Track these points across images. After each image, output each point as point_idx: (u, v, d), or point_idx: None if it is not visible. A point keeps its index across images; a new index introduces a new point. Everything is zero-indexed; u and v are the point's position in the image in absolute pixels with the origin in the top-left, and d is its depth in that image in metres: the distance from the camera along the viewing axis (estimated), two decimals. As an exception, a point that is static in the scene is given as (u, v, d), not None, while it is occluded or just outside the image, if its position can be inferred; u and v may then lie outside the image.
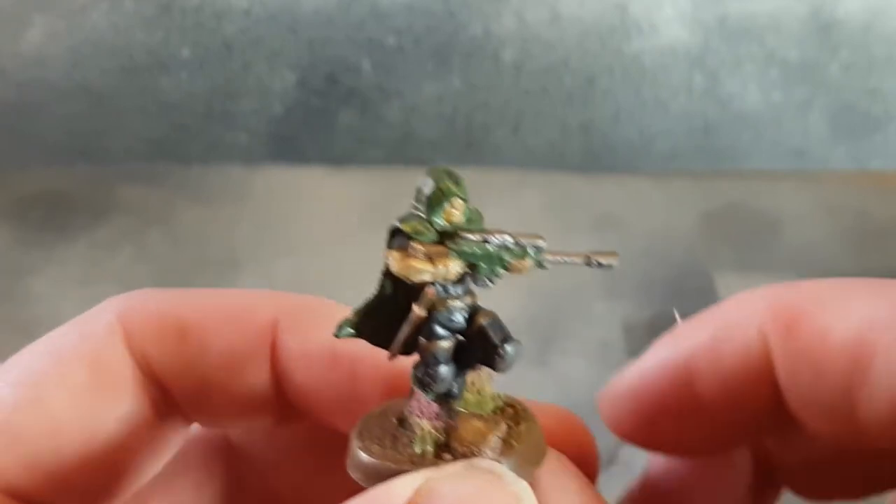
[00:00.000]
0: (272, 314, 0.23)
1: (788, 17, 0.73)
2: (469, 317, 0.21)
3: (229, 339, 0.23)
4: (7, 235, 0.66)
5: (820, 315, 0.19)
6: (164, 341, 0.23)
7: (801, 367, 0.19)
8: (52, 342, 0.23)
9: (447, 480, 0.18)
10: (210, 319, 0.23)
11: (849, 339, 0.18)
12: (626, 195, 0.72)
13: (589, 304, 0.60)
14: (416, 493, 0.17)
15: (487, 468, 0.18)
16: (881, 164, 0.77)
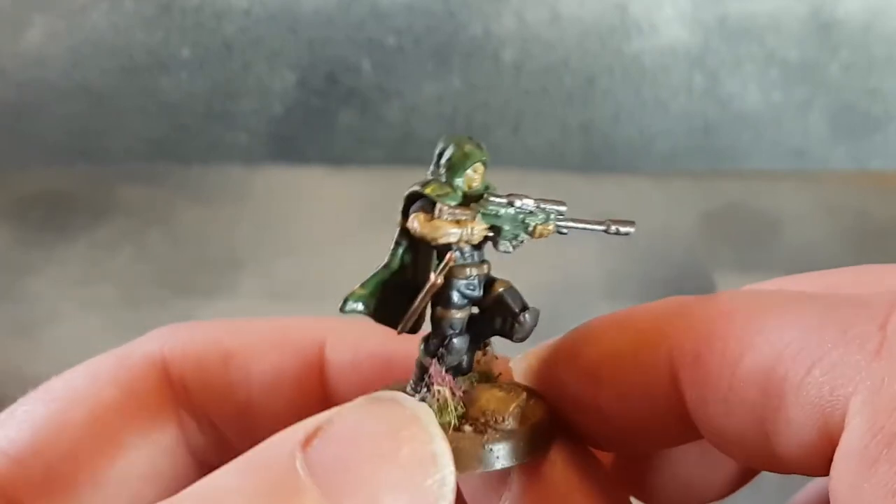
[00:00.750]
0: (319, 336, 0.24)
1: (788, 18, 0.73)
2: (485, 286, 0.21)
3: (274, 362, 0.23)
4: (7, 235, 0.66)
5: (728, 343, 0.18)
6: (207, 366, 0.23)
7: (710, 398, 0.18)
8: (93, 365, 0.23)
9: (349, 409, 0.17)
10: (254, 345, 0.23)
11: (758, 372, 0.17)
12: (626, 195, 0.72)
13: (589, 303, 0.60)
14: (315, 429, 0.17)
15: (389, 397, 0.18)
16: (881, 163, 0.77)
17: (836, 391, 0.16)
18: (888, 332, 0.16)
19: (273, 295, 0.61)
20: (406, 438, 0.17)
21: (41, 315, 0.58)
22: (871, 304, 0.17)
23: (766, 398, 0.17)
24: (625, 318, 0.20)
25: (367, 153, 0.76)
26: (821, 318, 0.17)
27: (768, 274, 0.70)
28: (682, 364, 0.19)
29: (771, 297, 0.19)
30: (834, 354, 0.16)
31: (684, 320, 0.19)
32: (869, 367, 0.16)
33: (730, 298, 0.19)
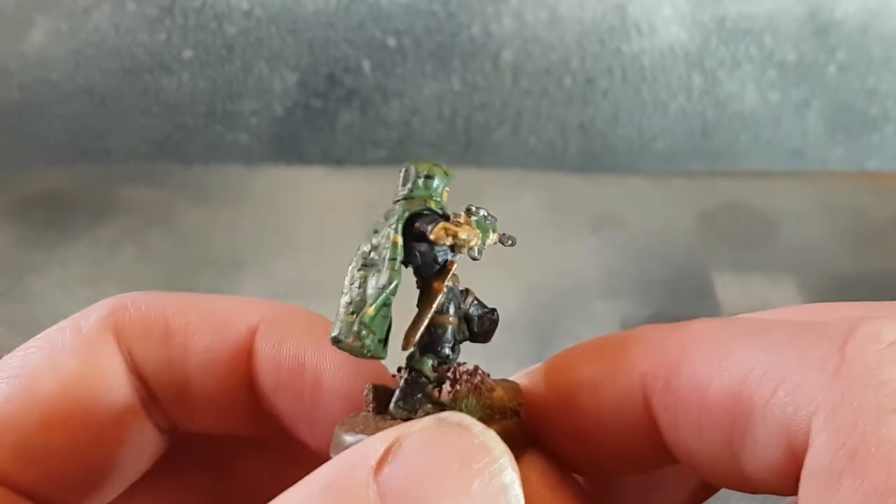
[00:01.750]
0: (254, 320, 0.24)
1: (786, 18, 0.73)
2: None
3: (211, 342, 0.24)
4: (9, 235, 0.66)
5: (696, 369, 0.18)
6: (151, 341, 0.23)
7: (681, 422, 0.19)
8: (47, 337, 0.24)
9: (418, 434, 0.18)
10: (194, 322, 0.24)
11: (725, 396, 0.18)
12: (625, 195, 0.72)
13: (588, 303, 0.61)
14: (387, 452, 0.17)
15: (457, 421, 0.18)
16: (879, 164, 0.77)
17: (799, 411, 0.16)
18: (846, 354, 0.16)
19: (273, 294, 0.61)
20: (478, 471, 0.17)
21: (43, 314, 0.58)
22: (830, 329, 0.17)
23: (734, 420, 0.18)
24: (600, 346, 0.21)
25: (368, 153, 0.76)
26: (784, 343, 0.17)
27: (766, 273, 0.70)
28: (653, 390, 0.19)
29: (737, 324, 0.19)
30: (796, 376, 0.17)
31: (655, 348, 0.20)
32: (830, 387, 0.16)
33: (698, 326, 0.20)
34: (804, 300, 0.61)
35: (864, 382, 0.16)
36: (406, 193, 0.21)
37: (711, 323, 0.20)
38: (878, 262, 0.66)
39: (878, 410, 0.15)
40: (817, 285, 0.63)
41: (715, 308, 0.60)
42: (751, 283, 0.63)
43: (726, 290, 0.62)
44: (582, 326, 0.58)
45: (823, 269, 0.65)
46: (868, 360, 0.16)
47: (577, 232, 0.68)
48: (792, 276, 0.64)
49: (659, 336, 0.20)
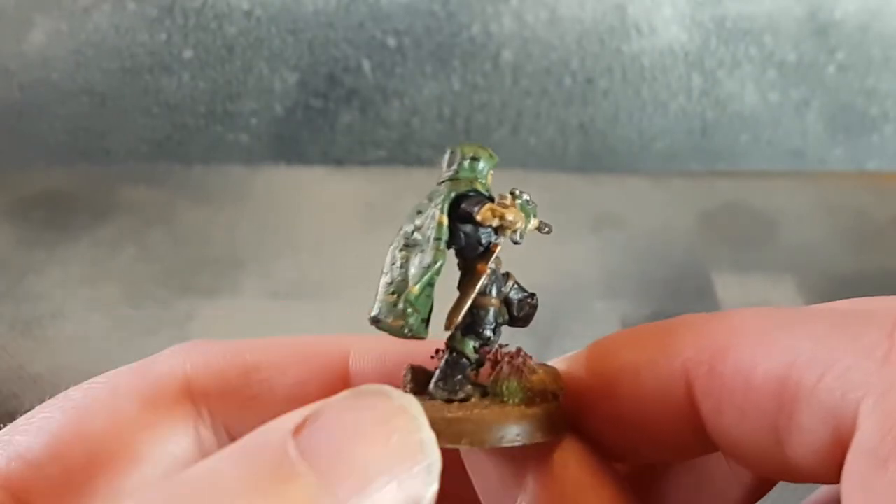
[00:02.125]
0: (343, 349, 0.24)
1: (786, 19, 0.73)
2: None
3: (298, 375, 0.24)
4: (10, 235, 0.66)
5: (742, 354, 0.19)
6: (230, 383, 0.23)
7: (725, 408, 0.19)
8: (113, 377, 0.24)
9: (337, 401, 0.18)
10: (278, 360, 0.24)
11: (771, 380, 0.18)
12: (625, 195, 0.72)
13: (588, 303, 0.61)
14: (306, 419, 0.18)
15: (376, 389, 0.18)
16: (878, 164, 0.78)
17: (847, 396, 0.17)
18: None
19: (274, 294, 0.61)
20: (395, 427, 0.17)
21: (43, 314, 0.58)
22: (879, 317, 0.17)
23: (779, 405, 0.18)
24: (642, 332, 0.21)
25: (368, 153, 0.76)
26: (831, 329, 0.18)
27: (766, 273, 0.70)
28: (696, 376, 0.19)
29: (780, 312, 0.19)
30: (845, 361, 0.17)
31: (698, 334, 0.20)
32: (879, 373, 0.16)
33: (741, 314, 0.20)
34: (804, 300, 0.61)
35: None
36: (451, 175, 0.21)
37: (755, 311, 0.20)
38: (878, 262, 0.66)
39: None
40: (817, 285, 0.63)
41: (715, 308, 0.60)
42: (751, 283, 0.63)
43: (726, 290, 0.62)
44: (582, 326, 0.58)
45: (823, 269, 0.65)
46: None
47: (577, 232, 0.68)
48: (792, 276, 0.64)
49: (702, 323, 0.20)
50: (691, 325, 0.20)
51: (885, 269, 0.65)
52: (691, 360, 0.19)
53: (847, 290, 0.63)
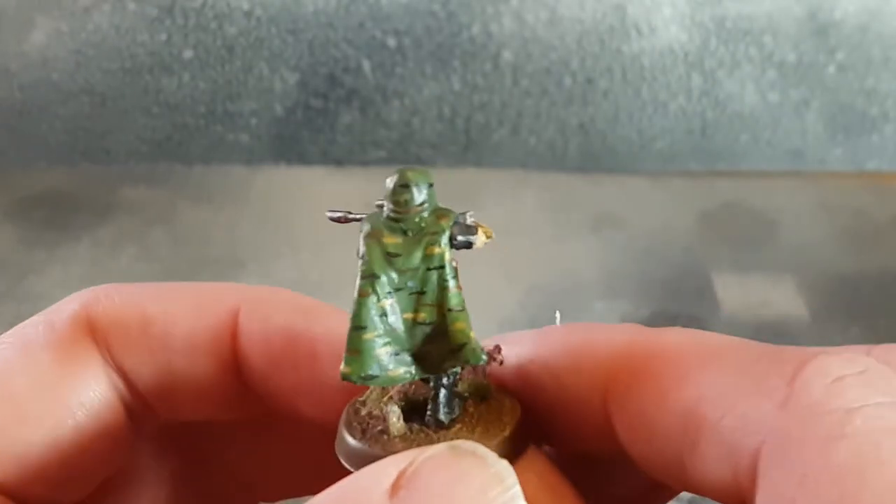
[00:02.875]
0: (234, 302, 0.24)
1: (786, 19, 0.73)
2: None
3: (191, 328, 0.23)
4: (10, 235, 0.66)
5: (658, 380, 0.19)
6: (127, 332, 0.23)
7: (636, 425, 0.20)
8: (19, 333, 0.23)
9: (430, 461, 0.18)
10: (172, 310, 0.24)
11: (680, 410, 0.19)
12: (624, 195, 0.72)
13: (588, 303, 0.61)
14: (401, 475, 0.18)
15: (470, 450, 0.18)
16: (878, 164, 0.78)
17: (746, 438, 0.17)
18: (795, 387, 0.17)
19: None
20: (493, 499, 0.18)
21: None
22: (783, 362, 0.18)
23: (685, 434, 0.18)
24: (577, 334, 0.22)
25: (368, 153, 0.76)
26: (742, 369, 0.18)
27: (765, 273, 0.70)
28: (614, 391, 0.20)
29: (705, 341, 0.20)
30: (746, 403, 0.18)
31: (623, 349, 0.20)
32: (777, 417, 0.17)
33: (668, 339, 0.20)
34: (804, 300, 0.61)
35: (811, 413, 0.16)
36: (431, 208, 0.21)
37: (681, 335, 0.20)
38: (878, 262, 0.66)
39: (824, 438, 0.16)
40: (817, 285, 0.63)
41: (715, 308, 0.60)
42: (751, 283, 0.63)
43: (726, 290, 0.62)
44: (582, 326, 0.58)
45: (823, 269, 0.65)
46: (814, 393, 0.17)
47: (577, 232, 0.68)
48: (792, 276, 0.64)
49: (630, 338, 0.21)
50: (619, 338, 0.21)
51: (885, 269, 0.65)
52: (612, 373, 0.20)
53: (847, 289, 0.63)
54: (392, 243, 0.20)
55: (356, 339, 0.20)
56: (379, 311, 0.20)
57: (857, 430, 0.16)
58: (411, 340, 0.21)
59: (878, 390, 0.17)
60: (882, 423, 0.16)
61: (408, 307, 0.20)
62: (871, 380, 0.17)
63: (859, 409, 0.16)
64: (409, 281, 0.20)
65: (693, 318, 0.60)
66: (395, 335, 0.20)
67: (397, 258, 0.20)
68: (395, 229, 0.20)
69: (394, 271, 0.20)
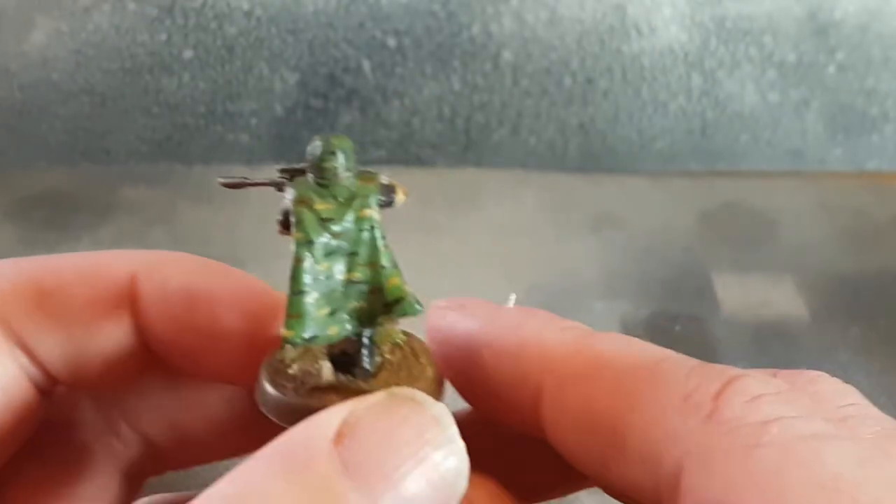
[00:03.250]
0: (130, 267, 0.24)
1: (786, 19, 0.73)
2: None
3: (88, 295, 0.24)
4: (10, 234, 0.66)
5: (589, 383, 0.20)
6: (25, 307, 0.23)
7: (564, 424, 0.21)
8: None
9: (371, 409, 0.19)
10: (67, 279, 0.24)
11: (608, 416, 0.20)
12: (624, 195, 0.72)
13: (588, 303, 0.61)
14: (343, 425, 0.18)
15: (409, 395, 0.19)
16: (878, 164, 0.78)
17: (670, 449, 0.18)
18: (719, 403, 0.18)
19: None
20: (431, 440, 0.19)
21: None
22: (712, 378, 0.19)
23: (611, 438, 0.20)
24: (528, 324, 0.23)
25: (368, 153, 0.76)
26: (673, 383, 0.19)
27: (765, 273, 0.70)
28: (547, 387, 0.21)
29: (643, 353, 0.21)
30: (674, 416, 0.19)
31: (566, 350, 0.21)
32: (701, 430, 0.18)
33: (605, 344, 0.21)
34: (804, 300, 0.61)
35: (732, 426, 0.18)
36: (355, 172, 0.22)
37: (619, 341, 0.21)
38: (878, 262, 0.66)
39: (744, 447, 0.17)
40: (816, 285, 0.63)
41: (715, 308, 0.60)
42: (751, 283, 0.63)
43: (726, 290, 0.62)
44: (582, 326, 0.58)
45: (823, 269, 0.65)
46: (735, 409, 0.18)
47: (577, 232, 0.68)
48: (792, 276, 0.64)
49: (574, 338, 0.22)
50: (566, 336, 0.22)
51: (885, 269, 0.65)
52: (551, 368, 0.21)
53: (847, 290, 0.63)
54: (324, 209, 0.21)
55: (297, 303, 0.21)
56: (315, 275, 0.21)
57: (773, 438, 0.17)
58: (347, 299, 0.21)
59: (791, 406, 0.18)
60: (795, 432, 0.17)
61: (343, 268, 0.21)
62: (785, 398, 0.19)
63: (775, 421, 0.18)
64: (343, 243, 0.21)
65: (693, 318, 0.60)
66: (331, 296, 0.21)
67: (330, 222, 0.21)
68: (325, 195, 0.21)
69: (328, 235, 0.21)
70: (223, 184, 0.23)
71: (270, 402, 0.21)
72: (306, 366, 0.22)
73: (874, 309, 0.61)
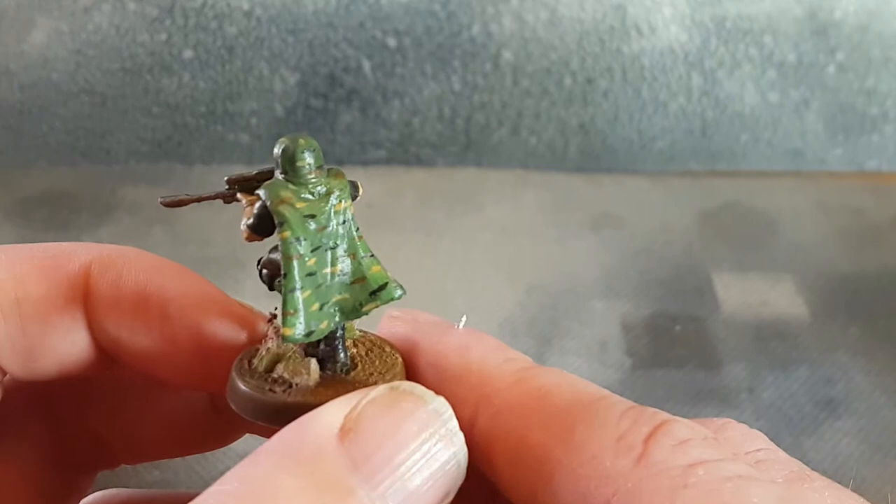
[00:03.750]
0: (85, 261, 0.24)
1: (786, 19, 0.73)
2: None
3: (42, 288, 0.24)
4: (11, 234, 0.67)
5: (524, 415, 0.21)
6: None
7: (497, 449, 0.21)
8: None
9: (373, 403, 0.19)
10: (23, 272, 0.24)
11: (539, 449, 0.20)
12: (624, 195, 0.72)
13: (588, 303, 0.61)
14: (347, 420, 0.19)
15: (409, 389, 0.20)
16: (878, 164, 0.78)
17: (600, 488, 0.19)
18: (649, 446, 0.19)
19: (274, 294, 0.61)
20: (433, 433, 0.19)
21: None
22: (644, 420, 0.20)
23: (540, 472, 0.20)
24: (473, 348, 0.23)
25: (368, 153, 0.76)
26: (606, 422, 0.20)
27: (765, 273, 0.70)
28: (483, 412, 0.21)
29: (580, 391, 0.21)
30: (605, 457, 0.19)
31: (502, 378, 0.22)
32: (630, 472, 0.19)
33: (549, 380, 0.21)
34: (804, 299, 0.62)
35: (660, 468, 0.18)
36: (325, 171, 0.22)
37: (559, 378, 0.22)
38: (878, 262, 0.66)
39: (670, 488, 0.18)
40: (816, 285, 0.63)
41: (715, 308, 0.60)
42: (751, 283, 0.63)
43: (726, 290, 0.62)
44: (582, 326, 0.58)
45: (822, 269, 0.65)
46: (663, 452, 0.19)
47: (577, 232, 0.68)
48: (791, 276, 0.64)
49: (511, 370, 0.22)
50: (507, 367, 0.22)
51: (885, 269, 0.65)
52: (483, 400, 0.21)
53: (846, 290, 0.63)
54: (305, 206, 0.22)
55: (293, 300, 0.21)
56: (305, 271, 0.22)
57: (699, 479, 0.18)
58: (331, 292, 0.22)
59: (716, 450, 0.19)
60: (720, 473, 0.18)
61: (327, 262, 0.22)
62: (709, 443, 0.19)
63: (701, 464, 0.18)
64: (324, 238, 0.22)
65: (693, 317, 0.60)
66: (320, 291, 0.22)
67: (312, 219, 0.22)
68: (302, 193, 0.22)
69: (311, 232, 0.22)
70: (163, 203, 0.24)
71: (258, 405, 0.22)
72: (292, 366, 0.22)
73: (874, 309, 0.61)
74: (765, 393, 0.54)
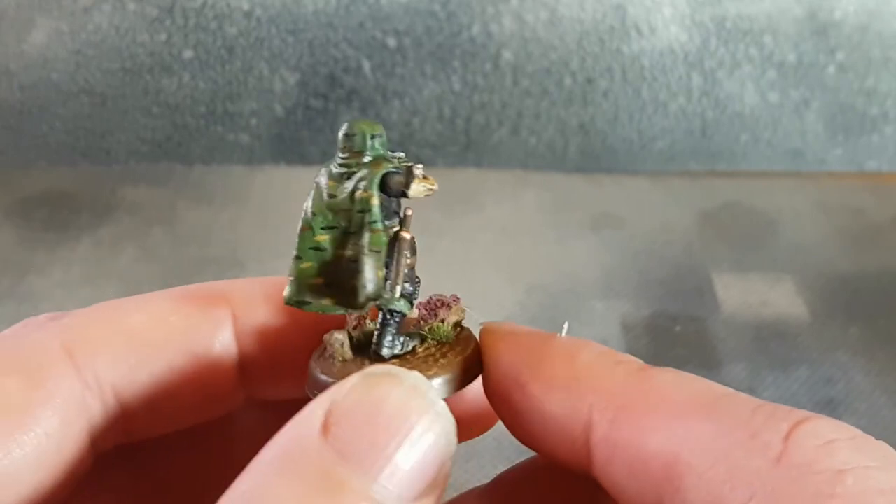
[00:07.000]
0: (224, 303, 0.25)
1: (786, 19, 0.73)
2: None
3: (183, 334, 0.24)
4: (11, 234, 0.66)
5: (647, 418, 0.20)
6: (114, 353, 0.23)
7: (616, 460, 0.20)
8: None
9: (350, 394, 0.19)
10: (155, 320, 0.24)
11: (665, 452, 0.19)
12: (624, 195, 0.72)
13: (588, 303, 0.61)
14: (327, 415, 0.19)
15: (383, 371, 0.20)
16: (878, 164, 0.78)
17: (735, 490, 0.18)
18: (788, 445, 0.18)
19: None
20: (416, 408, 0.19)
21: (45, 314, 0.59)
22: (780, 418, 0.18)
23: (668, 478, 0.19)
24: (578, 357, 0.22)
25: (368, 153, 0.76)
26: (735, 420, 0.19)
27: (765, 273, 0.70)
28: (599, 423, 0.20)
29: (700, 389, 0.20)
30: (739, 455, 0.18)
31: (616, 383, 0.21)
32: (770, 473, 0.17)
33: (662, 378, 0.20)
34: (803, 300, 0.62)
35: (804, 471, 0.17)
36: (370, 157, 0.22)
37: (676, 377, 0.21)
38: (878, 262, 0.66)
39: (815, 495, 0.17)
40: (816, 285, 0.63)
41: (715, 308, 0.60)
42: (751, 283, 0.63)
43: (726, 290, 0.62)
44: (581, 326, 0.58)
45: (823, 269, 0.65)
46: (807, 453, 0.17)
47: (577, 232, 0.68)
48: (791, 276, 0.64)
49: (623, 373, 0.21)
50: (613, 371, 0.21)
51: (885, 269, 0.65)
52: (597, 406, 0.20)
53: (846, 290, 0.63)
54: (331, 185, 0.22)
55: (294, 267, 0.23)
56: (313, 245, 0.22)
57: (847, 489, 0.16)
58: (339, 274, 0.22)
59: (867, 455, 0.17)
60: (872, 484, 0.16)
61: (339, 244, 0.22)
62: (860, 444, 0.18)
63: (850, 471, 0.17)
64: (342, 220, 0.22)
65: (693, 318, 0.60)
66: (327, 269, 0.22)
67: (333, 199, 0.22)
68: (335, 174, 0.22)
69: (329, 211, 0.22)
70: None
71: (308, 381, 0.23)
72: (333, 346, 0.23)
73: (874, 309, 0.61)
74: (765, 393, 0.54)
